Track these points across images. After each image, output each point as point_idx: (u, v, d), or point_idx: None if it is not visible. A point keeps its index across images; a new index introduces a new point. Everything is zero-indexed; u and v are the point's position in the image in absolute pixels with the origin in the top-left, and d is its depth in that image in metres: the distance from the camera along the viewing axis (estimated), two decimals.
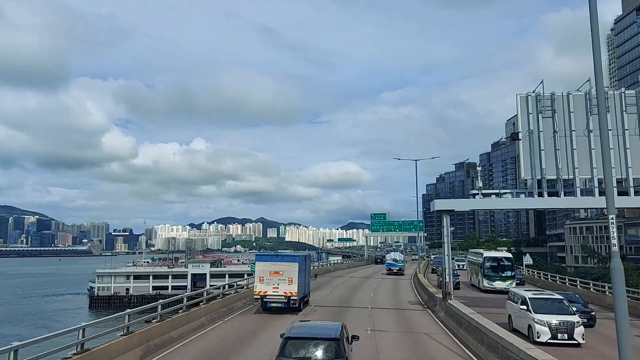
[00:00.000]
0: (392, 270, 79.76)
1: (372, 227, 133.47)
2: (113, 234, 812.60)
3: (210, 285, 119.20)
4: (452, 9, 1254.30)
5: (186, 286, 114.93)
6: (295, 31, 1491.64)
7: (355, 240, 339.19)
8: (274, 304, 32.22)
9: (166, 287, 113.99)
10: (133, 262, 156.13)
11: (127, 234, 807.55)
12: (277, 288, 32.06)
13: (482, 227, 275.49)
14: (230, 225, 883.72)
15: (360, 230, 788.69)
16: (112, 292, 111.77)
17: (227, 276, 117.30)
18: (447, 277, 33.34)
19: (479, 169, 43.68)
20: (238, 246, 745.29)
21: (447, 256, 34.74)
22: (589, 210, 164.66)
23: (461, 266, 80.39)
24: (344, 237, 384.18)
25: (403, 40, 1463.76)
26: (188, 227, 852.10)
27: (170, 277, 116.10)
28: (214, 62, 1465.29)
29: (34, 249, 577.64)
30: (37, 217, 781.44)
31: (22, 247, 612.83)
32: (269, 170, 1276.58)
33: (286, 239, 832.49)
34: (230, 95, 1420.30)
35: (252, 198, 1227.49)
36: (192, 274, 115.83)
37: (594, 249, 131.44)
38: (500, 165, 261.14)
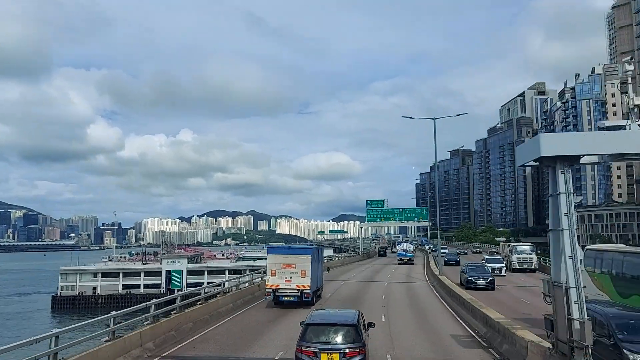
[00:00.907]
0: (403, 260, 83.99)
1: (367, 215, 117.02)
2: (102, 227, 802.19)
3: (188, 284, 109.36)
4: None
5: (160, 285, 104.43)
6: (281, 18, 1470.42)
7: (347, 232, 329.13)
8: (286, 298, 31.48)
9: (138, 286, 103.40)
10: (108, 257, 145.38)
11: (116, 227, 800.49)
12: (290, 281, 31.43)
13: (477, 217, 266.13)
14: (221, 219, 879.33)
15: (352, 222, 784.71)
16: (77, 292, 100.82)
17: (205, 273, 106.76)
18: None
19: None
20: (229, 239, 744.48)
21: (571, 251, 14.40)
22: (597, 196, 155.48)
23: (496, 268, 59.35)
24: (336, 229, 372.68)
25: (392, 30, 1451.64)
26: (178, 221, 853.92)
27: (142, 274, 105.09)
28: (198, 50, 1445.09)
29: (20, 243, 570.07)
30: (24, 211, 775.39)
31: (8, 242, 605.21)
32: (258, 162, 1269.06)
33: (277, 232, 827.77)
34: (216, 84, 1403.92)
35: (241, 190, 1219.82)
36: (167, 270, 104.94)
37: (609, 238, 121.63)
38: (497, 151, 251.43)
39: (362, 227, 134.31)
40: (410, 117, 52.64)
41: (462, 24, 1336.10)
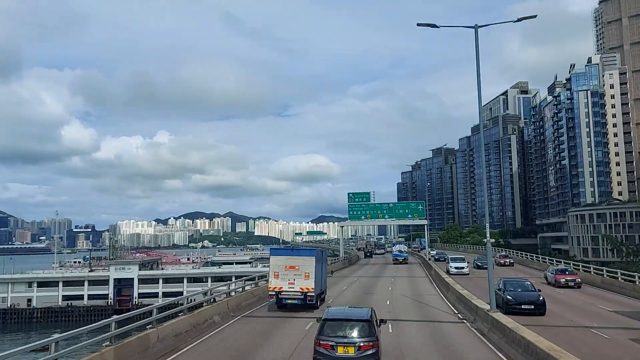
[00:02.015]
0: (398, 260, 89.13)
1: (350, 212, 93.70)
2: (74, 230, 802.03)
3: (139, 294, 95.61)
4: (419, 2, 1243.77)
5: (107, 295, 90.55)
6: (259, 19, 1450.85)
7: (326, 233, 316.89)
8: (289, 301, 30.71)
9: (81, 297, 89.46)
10: (59, 262, 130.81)
11: (90, 230, 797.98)
12: (293, 284, 30.52)
13: (462, 218, 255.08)
14: (198, 220, 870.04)
15: (331, 223, 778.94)
16: (9, 305, 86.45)
17: (160, 281, 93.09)
18: None
19: None
20: (206, 241, 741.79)
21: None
22: (596, 194, 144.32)
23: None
24: (315, 230, 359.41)
25: (371, 33, 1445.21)
26: (154, 223, 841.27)
27: (86, 283, 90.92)
28: (175, 50, 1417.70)
29: None
30: None
31: None
32: (237, 163, 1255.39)
33: (255, 234, 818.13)
34: (194, 85, 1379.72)
35: (220, 192, 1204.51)
36: (115, 279, 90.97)
37: (622, 239, 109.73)
38: (483, 148, 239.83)
39: (342, 227, 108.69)
40: (435, 26, 26.25)
41: (440, 29, 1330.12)
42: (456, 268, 60.30)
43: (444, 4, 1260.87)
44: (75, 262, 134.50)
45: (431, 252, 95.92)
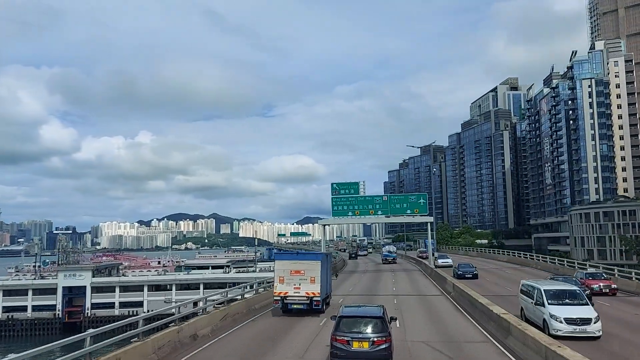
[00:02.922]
0: (388, 260, 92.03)
1: (334, 208, 72.01)
2: (55, 232, 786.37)
3: (93, 305, 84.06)
4: (404, 2, 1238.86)
5: (55, 306, 78.95)
6: (242, 16, 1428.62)
7: (310, 234, 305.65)
8: (295, 306, 30.27)
9: (24, 309, 77.70)
10: (15, 267, 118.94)
11: (70, 232, 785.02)
12: (299, 288, 30.21)
13: (452, 218, 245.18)
14: (181, 222, 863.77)
15: (316, 224, 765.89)
16: None
17: (117, 290, 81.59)
18: None
19: None
20: (189, 243, 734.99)
21: None
22: (600, 191, 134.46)
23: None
24: (298, 231, 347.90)
25: (357, 33, 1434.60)
26: (136, 224, 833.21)
27: (30, 292, 79.17)
28: (156, 48, 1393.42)
29: None
30: None
31: None
32: (221, 164, 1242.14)
33: (240, 235, 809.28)
34: (176, 84, 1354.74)
35: (204, 193, 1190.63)
36: (64, 287, 79.32)
37: (633, 240, 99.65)
38: (473, 146, 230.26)
39: (325, 226, 79.94)
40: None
41: (426, 29, 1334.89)
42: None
43: (429, 5, 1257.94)
44: (36, 266, 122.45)
45: (440, 259, 77.20)
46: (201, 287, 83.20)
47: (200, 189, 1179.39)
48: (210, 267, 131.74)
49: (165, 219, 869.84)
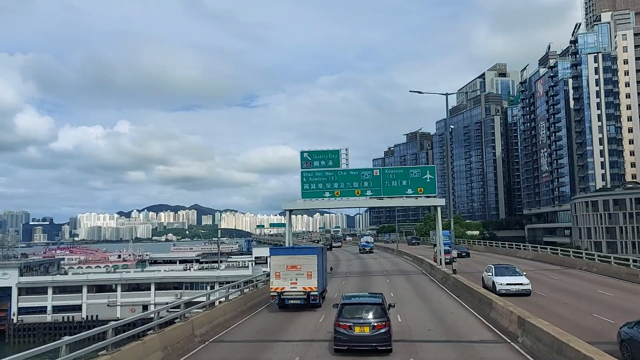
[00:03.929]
0: (365, 249, 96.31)
1: (304, 186, 50.94)
2: (31, 223, 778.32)
3: (20, 309, 70.66)
4: None
5: None
6: (221, 1, 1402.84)
7: (291, 225, 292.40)
8: (292, 301, 30.09)
9: None
10: None
11: (47, 223, 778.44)
12: (295, 283, 29.91)
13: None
14: (162, 213, 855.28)
15: (300, 216, 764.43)
16: None
17: (49, 291, 68.43)
18: None
19: None
20: (170, 234, 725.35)
21: None
22: (607, 177, 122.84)
23: None
24: (276, 222, 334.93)
25: (339, 24, 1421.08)
26: (116, 216, 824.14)
27: None
28: (131, 34, 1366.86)
29: None
30: None
31: None
32: (202, 155, 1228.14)
33: (221, 226, 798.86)
34: (154, 72, 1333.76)
35: (185, 184, 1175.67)
36: None
37: None
38: (462, 132, 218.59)
39: (291, 212, 53.52)
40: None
41: (408, 21, 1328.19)
42: None
43: None
44: None
45: (500, 277, 34.67)
46: (152, 287, 70.40)
47: (182, 180, 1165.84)
48: (177, 262, 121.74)
49: (145, 210, 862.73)
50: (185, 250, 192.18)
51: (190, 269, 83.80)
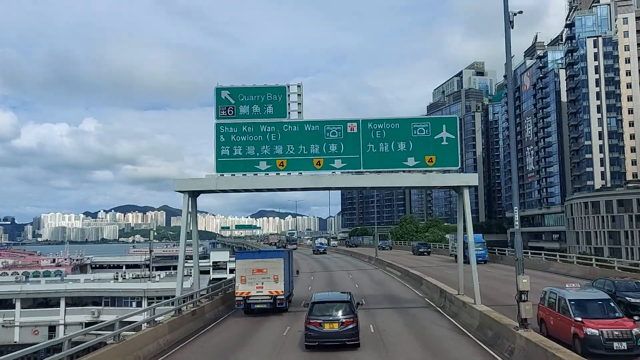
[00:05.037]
0: (320, 250, 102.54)
1: (221, 150, 30.34)
2: None
3: None
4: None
5: None
6: None
7: (259, 227, 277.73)
8: (258, 305, 29.23)
9: None
10: None
11: (9, 222, 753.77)
12: (262, 287, 29.20)
13: (415, 211, 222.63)
14: (130, 214, 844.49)
15: (271, 218, 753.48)
16: None
17: None
18: None
19: None
20: (137, 236, 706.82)
21: None
22: (607, 176, 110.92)
23: None
24: (246, 224, 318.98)
25: (313, 27, 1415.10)
26: (82, 216, 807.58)
27: None
28: (96, 28, 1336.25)
29: None
30: None
31: None
32: (172, 155, 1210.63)
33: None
34: (120, 67, 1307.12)
35: (154, 185, 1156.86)
36: None
37: None
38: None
39: (194, 196, 33.18)
40: None
41: (382, 26, 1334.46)
42: None
43: (385, 2, 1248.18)
44: None
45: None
46: (62, 303, 55.75)
47: (151, 181, 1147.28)
48: (124, 267, 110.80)
49: (113, 210, 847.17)
50: (145, 252, 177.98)
51: (119, 278, 68.84)
